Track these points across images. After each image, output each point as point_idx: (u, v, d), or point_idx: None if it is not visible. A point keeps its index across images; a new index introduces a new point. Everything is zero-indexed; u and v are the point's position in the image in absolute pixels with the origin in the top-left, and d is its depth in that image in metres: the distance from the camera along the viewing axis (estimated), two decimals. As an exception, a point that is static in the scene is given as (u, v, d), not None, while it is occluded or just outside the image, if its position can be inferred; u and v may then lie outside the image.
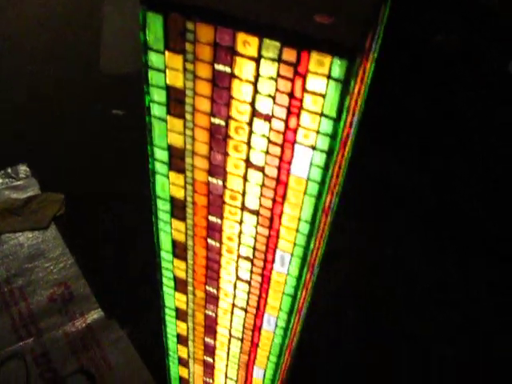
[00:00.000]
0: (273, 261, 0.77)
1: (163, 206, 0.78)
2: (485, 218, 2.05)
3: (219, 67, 0.58)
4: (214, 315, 0.95)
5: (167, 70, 0.61)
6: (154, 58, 0.60)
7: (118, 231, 1.76)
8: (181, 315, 1.00)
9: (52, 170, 1.99)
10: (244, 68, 0.56)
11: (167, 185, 0.74)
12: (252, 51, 0.54)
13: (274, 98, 0.58)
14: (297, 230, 0.70)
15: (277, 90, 0.57)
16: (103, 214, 1.82)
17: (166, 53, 0.59)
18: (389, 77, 2.50)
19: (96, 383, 1.38)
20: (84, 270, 1.62)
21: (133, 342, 1.46)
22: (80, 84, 2.49)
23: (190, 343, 1.06)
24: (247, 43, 0.54)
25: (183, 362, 1.14)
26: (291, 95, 0.56)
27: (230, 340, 0.99)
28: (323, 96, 0.54)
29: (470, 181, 2.22)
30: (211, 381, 1.15)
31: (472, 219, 2.03)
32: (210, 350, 1.05)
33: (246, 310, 0.89)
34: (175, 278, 0.91)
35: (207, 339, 1.02)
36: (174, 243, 0.84)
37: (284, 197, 0.67)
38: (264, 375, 1.03)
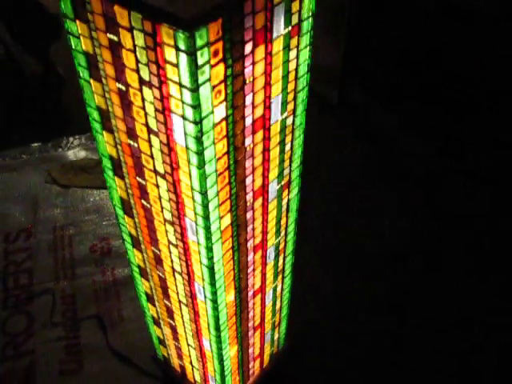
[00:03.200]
0: (186, 228, 0.81)
1: (107, 164, 0.87)
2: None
3: (110, 36, 0.65)
4: (164, 277, 1.02)
5: (81, 37, 0.69)
6: (69, 25, 0.69)
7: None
8: (143, 273, 1.08)
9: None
10: (125, 38, 0.63)
11: (104, 143, 0.83)
12: (126, 22, 0.61)
13: (148, 66, 0.64)
14: (193, 200, 0.74)
15: (148, 59, 0.62)
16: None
17: (77, 21, 0.68)
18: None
19: (105, 330, 1.53)
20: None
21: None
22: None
23: (156, 303, 1.14)
24: (121, 15, 0.61)
25: (156, 322, 1.22)
26: (158, 64, 0.62)
27: (180, 305, 1.05)
28: (177, 66, 0.59)
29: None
30: (180, 345, 1.22)
31: None
32: (170, 313, 1.12)
33: (182, 275, 0.95)
34: (130, 235, 1.00)
35: (165, 301, 1.09)
36: (122, 200, 0.92)
37: (178, 164, 0.72)
38: (211, 348, 1.07)
